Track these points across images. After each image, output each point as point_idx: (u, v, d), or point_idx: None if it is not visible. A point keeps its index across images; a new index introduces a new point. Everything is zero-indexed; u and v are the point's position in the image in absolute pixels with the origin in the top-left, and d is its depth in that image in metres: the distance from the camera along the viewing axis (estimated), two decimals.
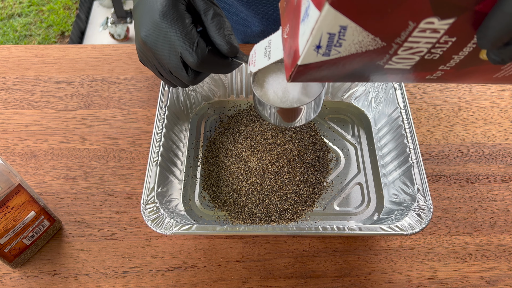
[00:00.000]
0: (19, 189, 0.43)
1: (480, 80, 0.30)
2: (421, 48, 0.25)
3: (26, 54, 0.68)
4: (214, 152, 0.57)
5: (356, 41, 0.25)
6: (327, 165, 0.56)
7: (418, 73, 0.28)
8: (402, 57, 0.26)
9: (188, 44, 0.38)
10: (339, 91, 0.62)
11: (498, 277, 0.48)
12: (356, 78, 0.30)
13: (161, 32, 0.39)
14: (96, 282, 0.48)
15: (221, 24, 0.39)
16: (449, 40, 0.25)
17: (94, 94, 0.63)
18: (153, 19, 0.39)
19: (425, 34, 0.24)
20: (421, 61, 0.27)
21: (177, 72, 0.41)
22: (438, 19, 0.23)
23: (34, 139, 0.59)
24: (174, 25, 0.38)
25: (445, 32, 0.24)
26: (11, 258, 0.47)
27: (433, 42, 0.25)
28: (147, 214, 0.46)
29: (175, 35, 0.38)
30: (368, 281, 0.48)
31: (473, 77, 0.29)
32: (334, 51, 0.26)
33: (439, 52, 0.26)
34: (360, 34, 0.24)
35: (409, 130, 0.52)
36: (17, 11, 1.94)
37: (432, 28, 0.23)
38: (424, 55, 0.26)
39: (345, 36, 0.24)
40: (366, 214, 0.52)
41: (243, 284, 0.48)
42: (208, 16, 0.39)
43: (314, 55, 0.26)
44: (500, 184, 0.55)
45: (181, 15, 0.39)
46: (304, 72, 0.28)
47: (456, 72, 0.28)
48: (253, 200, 0.51)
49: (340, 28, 0.24)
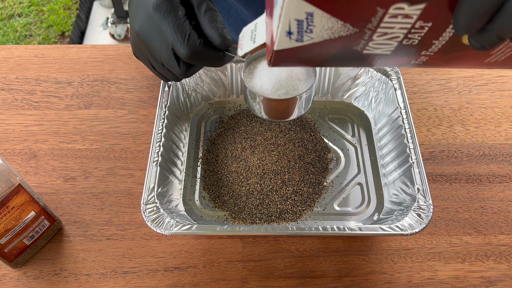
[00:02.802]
0: (19, 189, 0.43)
1: (472, 65, 0.29)
2: (397, 33, 0.25)
3: (26, 54, 0.68)
4: (214, 152, 0.57)
5: (327, 27, 0.25)
6: (327, 165, 0.56)
7: (401, 58, 0.28)
8: (379, 42, 0.26)
9: (180, 35, 0.38)
10: (339, 91, 0.62)
11: (498, 277, 0.48)
12: (338, 63, 0.30)
13: (154, 24, 0.39)
14: (96, 282, 0.48)
15: (214, 18, 0.39)
16: (424, 25, 0.24)
17: (94, 94, 0.63)
18: (146, 11, 0.39)
19: (397, 20, 0.24)
20: (400, 46, 0.26)
21: (169, 65, 0.41)
22: (407, 5, 0.23)
23: (35, 139, 0.59)
24: (166, 17, 0.38)
25: (418, 18, 0.24)
26: (11, 258, 0.47)
27: (408, 27, 0.24)
28: (147, 214, 0.46)
29: (167, 27, 0.38)
30: (368, 281, 0.48)
31: (462, 62, 0.29)
32: (306, 37, 0.26)
33: (417, 37, 0.25)
34: (329, 20, 0.24)
35: (409, 130, 0.52)
36: (17, 11, 1.94)
37: (403, 13, 0.23)
38: (401, 40, 0.26)
39: (314, 23, 0.24)
40: (366, 214, 0.52)
41: (243, 284, 0.48)
42: (201, 9, 0.39)
43: (287, 41, 0.26)
44: (500, 184, 0.55)
45: (174, 7, 0.39)
46: (283, 57, 0.29)
47: (441, 57, 0.28)
48: (253, 200, 0.51)
49: (306, 15, 0.24)
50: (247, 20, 0.66)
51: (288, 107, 0.44)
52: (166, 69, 0.42)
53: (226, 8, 0.66)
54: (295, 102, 0.43)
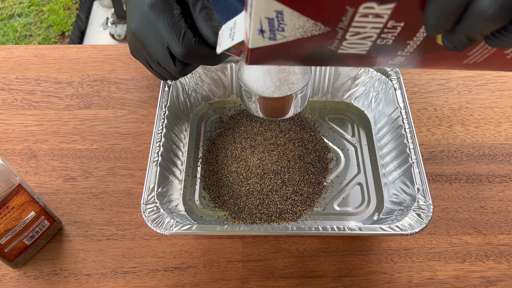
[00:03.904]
0: (19, 189, 0.43)
1: (450, 66, 0.29)
2: (369, 33, 0.25)
3: (26, 54, 0.68)
4: (214, 152, 0.57)
5: (298, 26, 0.24)
6: (327, 165, 0.56)
7: (377, 58, 0.28)
8: (352, 42, 0.26)
9: (175, 34, 0.38)
10: (339, 91, 0.62)
11: (498, 277, 0.48)
12: (314, 62, 0.29)
13: (150, 23, 0.39)
14: (96, 282, 0.48)
15: (209, 16, 0.39)
16: (397, 25, 0.24)
17: (94, 94, 0.64)
18: (142, 9, 0.39)
19: (368, 19, 0.23)
20: (375, 46, 0.26)
21: (165, 63, 0.41)
22: (377, 4, 0.22)
23: (34, 139, 0.59)
24: (162, 15, 0.38)
25: (389, 17, 0.23)
26: (12, 258, 0.47)
27: (380, 27, 0.24)
28: (147, 214, 0.46)
29: (163, 25, 0.38)
30: (368, 281, 0.48)
31: (439, 63, 0.28)
32: (279, 35, 0.26)
33: (391, 37, 0.25)
34: (299, 19, 0.24)
35: (409, 130, 0.52)
36: (17, 11, 1.94)
37: (373, 13, 0.23)
38: (375, 40, 0.25)
39: (285, 21, 0.24)
40: (366, 214, 0.52)
41: (243, 284, 0.48)
42: (196, 8, 0.39)
43: (261, 39, 0.26)
44: (500, 184, 0.55)
45: (170, 6, 0.39)
46: (259, 55, 0.28)
47: (418, 57, 0.27)
48: (253, 200, 0.52)
49: (276, 13, 0.24)
50: None
51: (284, 105, 0.44)
52: (163, 68, 0.42)
53: (226, 7, 0.66)
54: (290, 100, 0.43)
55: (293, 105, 0.44)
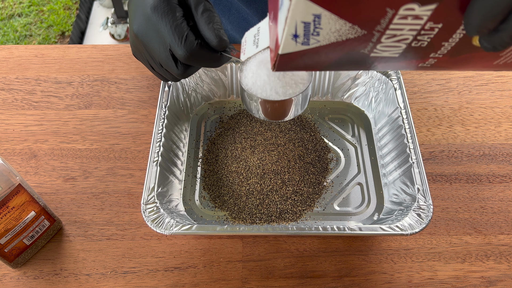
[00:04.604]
0: (19, 189, 0.43)
1: (480, 67, 0.28)
2: (406, 35, 0.24)
3: (26, 54, 0.68)
4: (214, 152, 0.57)
5: (334, 30, 0.24)
6: (327, 165, 0.56)
7: (408, 61, 0.28)
8: (387, 45, 0.26)
9: (177, 36, 0.38)
10: (339, 91, 0.62)
11: (498, 277, 0.48)
12: (344, 66, 0.29)
13: (152, 25, 0.39)
14: (96, 282, 0.48)
15: (211, 19, 0.39)
16: (435, 27, 0.24)
17: (94, 94, 0.63)
18: (145, 12, 0.39)
19: (407, 21, 0.23)
20: (409, 48, 0.26)
21: (167, 65, 0.41)
22: (418, 5, 0.22)
23: (35, 139, 0.59)
24: (164, 18, 0.38)
25: (429, 19, 0.23)
26: (12, 258, 0.47)
27: (418, 29, 0.24)
28: (147, 214, 0.46)
29: (165, 28, 0.38)
30: (368, 281, 0.48)
31: (470, 64, 0.28)
32: (313, 40, 0.25)
33: (426, 39, 0.25)
34: (337, 22, 0.24)
35: (409, 130, 0.52)
36: (17, 11, 1.94)
37: (413, 14, 0.23)
38: (410, 42, 0.25)
39: (321, 25, 0.24)
40: (366, 214, 0.52)
41: (243, 284, 0.48)
42: (198, 10, 0.39)
43: (293, 44, 0.26)
44: (500, 184, 0.55)
45: (172, 8, 0.39)
46: (287, 61, 0.28)
47: (450, 59, 0.27)
48: (253, 200, 0.51)
49: (314, 17, 0.23)
50: (248, 19, 0.66)
51: (285, 108, 0.44)
52: (165, 70, 0.43)
53: (228, 6, 0.66)
54: (291, 102, 0.43)
55: (294, 108, 0.44)
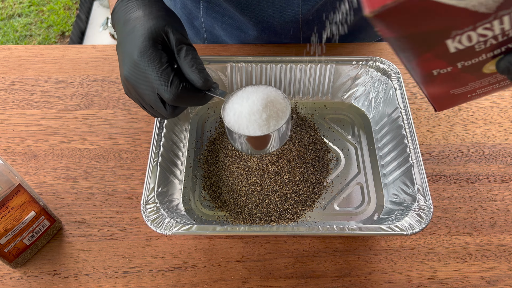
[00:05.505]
0: (19, 189, 0.43)
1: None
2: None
3: (26, 54, 0.68)
4: (214, 152, 0.57)
5: None
6: (327, 165, 0.56)
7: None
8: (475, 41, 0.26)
9: (164, 82, 0.42)
10: (339, 91, 0.62)
11: (498, 277, 0.48)
12: (416, 45, 0.28)
13: (140, 71, 0.43)
14: (96, 282, 0.48)
15: (194, 61, 0.43)
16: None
17: (94, 94, 0.64)
18: (132, 58, 0.43)
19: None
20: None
21: (156, 107, 0.45)
22: None
23: (34, 139, 0.59)
24: (150, 65, 0.42)
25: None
26: (11, 258, 0.47)
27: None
28: (147, 214, 0.46)
29: (152, 74, 0.42)
30: (368, 281, 0.48)
31: None
32: None
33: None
34: None
35: (409, 130, 0.52)
36: (17, 11, 1.94)
37: None
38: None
39: None
40: (366, 214, 0.52)
41: (243, 284, 0.48)
42: (181, 55, 0.43)
43: None
44: (500, 184, 0.55)
45: (158, 55, 0.42)
46: (400, 11, 0.25)
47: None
48: (253, 200, 0.51)
49: None
50: (241, 25, 0.67)
51: (265, 142, 0.47)
52: (156, 110, 0.46)
53: (221, 13, 0.66)
54: (270, 137, 0.46)
55: (272, 142, 0.47)
